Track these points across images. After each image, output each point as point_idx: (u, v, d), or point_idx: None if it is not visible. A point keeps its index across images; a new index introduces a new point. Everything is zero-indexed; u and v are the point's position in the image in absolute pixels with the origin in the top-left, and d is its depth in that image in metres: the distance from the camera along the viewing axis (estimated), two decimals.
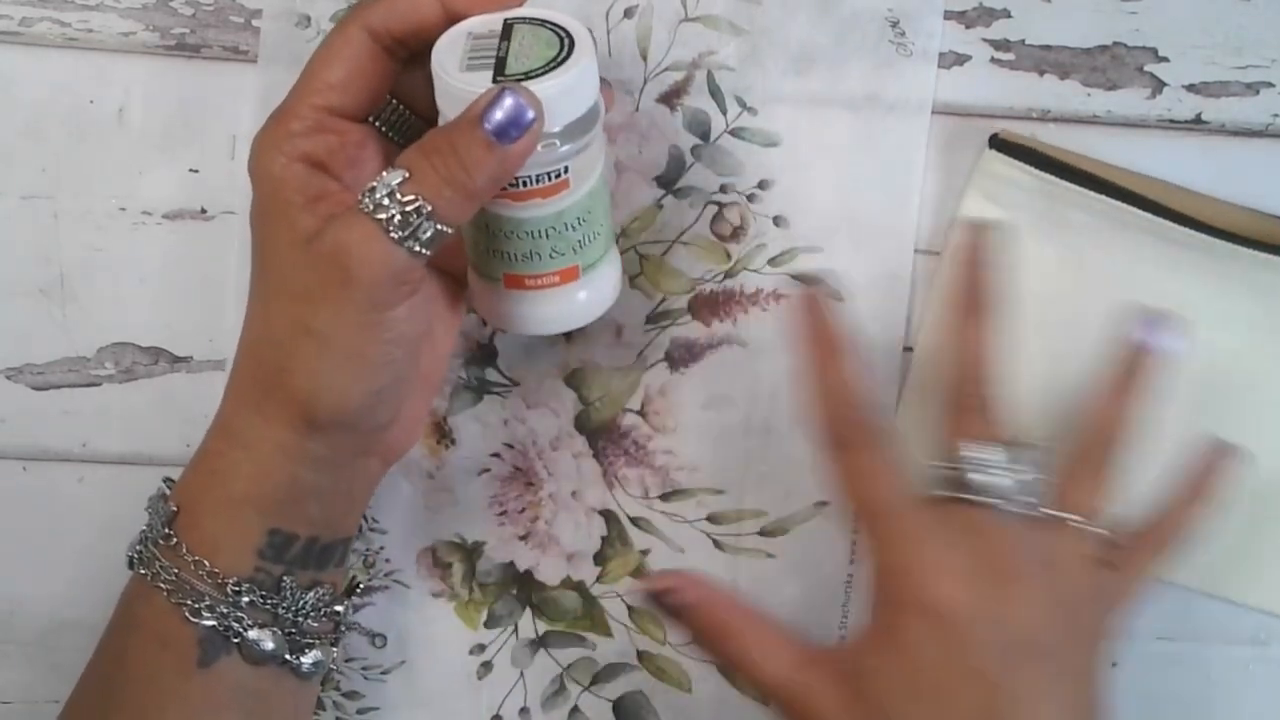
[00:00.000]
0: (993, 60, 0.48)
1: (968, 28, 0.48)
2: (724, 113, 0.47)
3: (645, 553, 0.48)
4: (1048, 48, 0.48)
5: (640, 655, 0.48)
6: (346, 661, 0.47)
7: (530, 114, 0.35)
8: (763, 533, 0.48)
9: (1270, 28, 0.48)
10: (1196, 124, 0.48)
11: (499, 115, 0.35)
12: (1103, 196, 0.46)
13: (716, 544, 0.48)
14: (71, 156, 0.46)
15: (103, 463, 0.47)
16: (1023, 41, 0.48)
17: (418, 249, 0.36)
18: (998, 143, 0.46)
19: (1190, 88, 0.48)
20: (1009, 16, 0.48)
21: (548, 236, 0.39)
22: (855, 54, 0.47)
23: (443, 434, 0.47)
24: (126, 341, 0.47)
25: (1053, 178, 0.46)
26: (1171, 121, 0.48)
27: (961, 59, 0.48)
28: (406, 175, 0.36)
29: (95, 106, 0.46)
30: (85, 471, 0.47)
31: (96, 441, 0.47)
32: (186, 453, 0.46)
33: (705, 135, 0.47)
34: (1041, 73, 0.48)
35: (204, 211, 0.47)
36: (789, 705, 0.39)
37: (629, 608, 0.48)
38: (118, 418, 0.47)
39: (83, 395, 0.47)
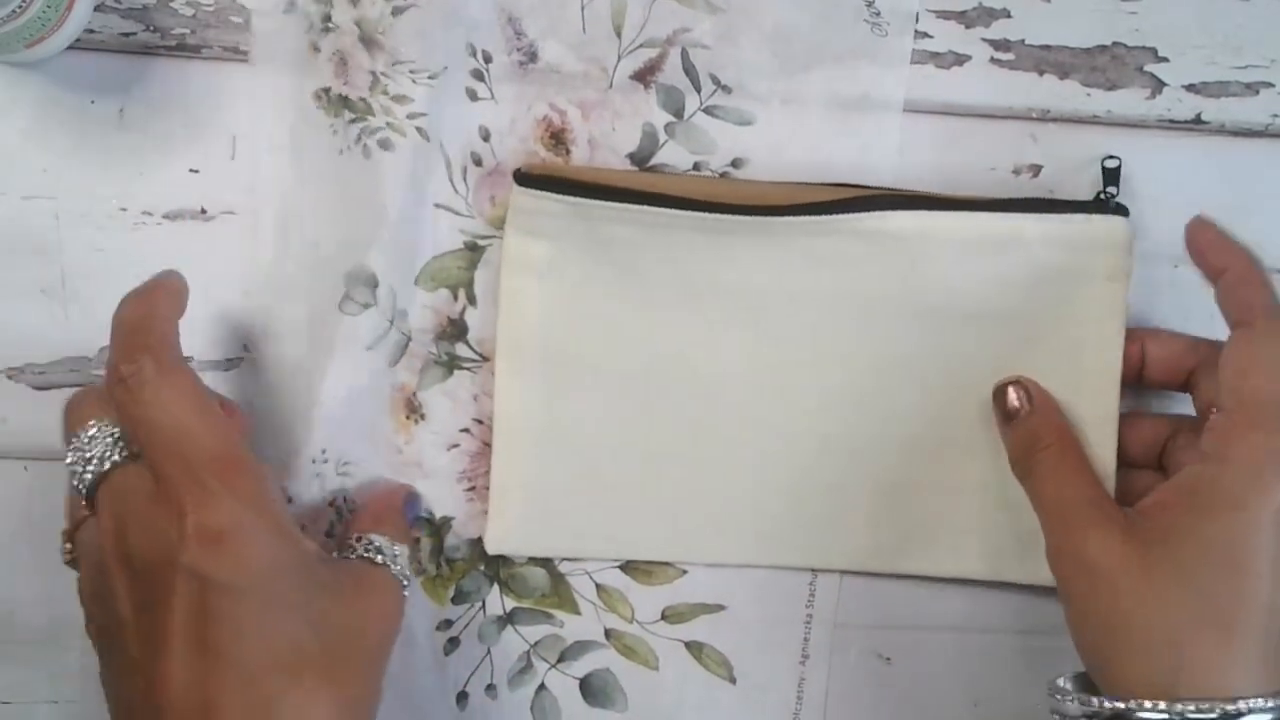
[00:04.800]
0: (992, 60, 0.48)
1: (968, 28, 0.48)
2: (698, 91, 0.47)
3: None
4: (1048, 48, 0.48)
5: (608, 633, 0.48)
6: None
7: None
8: None
9: (1270, 28, 0.48)
10: (1196, 124, 0.48)
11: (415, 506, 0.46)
12: (633, 205, 0.45)
13: None
14: (72, 157, 0.46)
15: None
16: (1022, 41, 0.48)
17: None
18: (521, 177, 0.45)
19: (1190, 88, 0.48)
20: (1009, 16, 0.48)
21: None
22: (831, 34, 0.46)
23: (412, 409, 0.47)
24: None
25: (583, 200, 0.45)
26: (1171, 122, 0.48)
27: (961, 59, 0.48)
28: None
29: (95, 106, 0.46)
30: None
31: None
32: None
33: (679, 113, 0.47)
34: (1041, 73, 0.48)
35: (204, 211, 0.47)
36: (1065, 529, 0.41)
37: (597, 585, 0.48)
38: None
39: None
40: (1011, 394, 0.45)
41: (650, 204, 0.44)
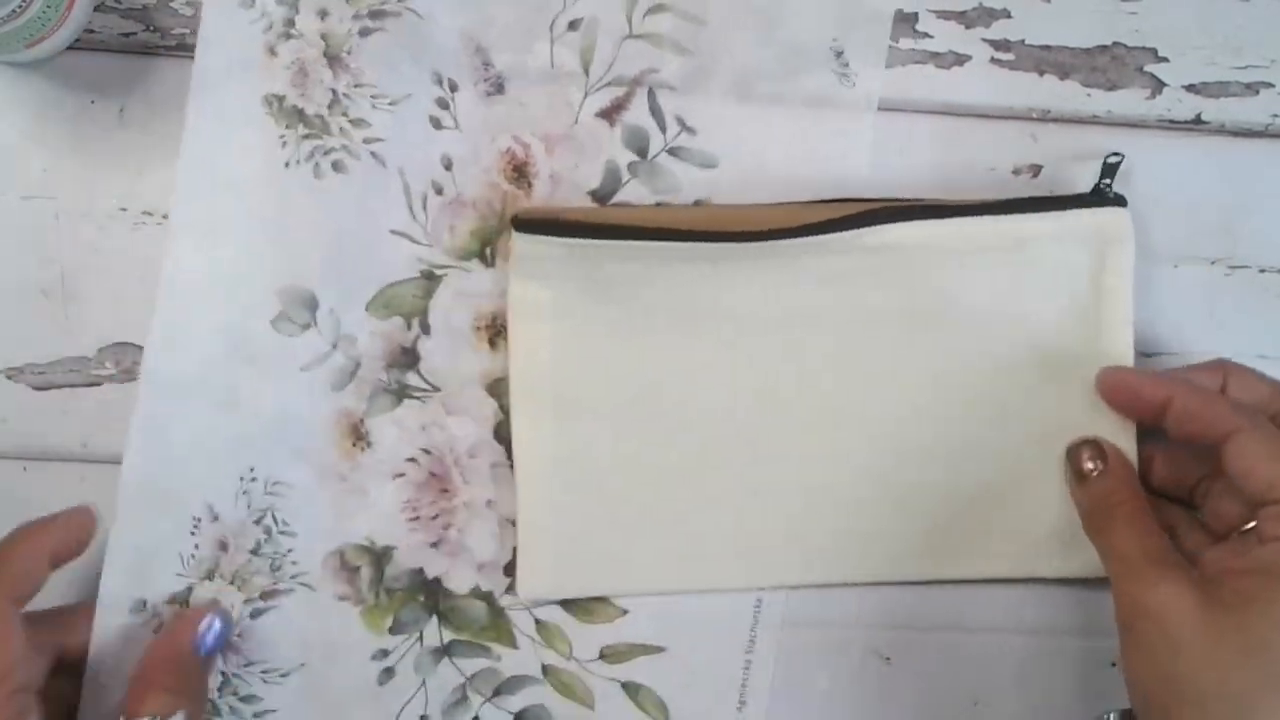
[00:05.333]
0: (993, 60, 0.48)
1: (968, 28, 0.48)
2: (663, 131, 0.46)
3: None
4: (1048, 48, 0.48)
5: (545, 670, 0.47)
6: (245, 666, 0.46)
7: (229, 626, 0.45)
8: None
9: (1270, 28, 0.48)
10: (1196, 124, 0.48)
11: (210, 640, 0.44)
12: (633, 242, 0.45)
13: None
14: (72, 157, 0.46)
15: (103, 463, 0.47)
16: (1023, 41, 0.48)
17: None
18: (520, 223, 0.45)
19: (1190, 88, 0.48)
20: (1009, 16, 0.48)
21: None
22: (797, 81, 0.47)
23: (359, 436, 0.46)
24: (127, 341, 0.47)
25: (579, 240, 0.44)
26: (1171, 122, 0.48)
27: (961, 59, 0.48)
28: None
29: (95, 106, 0.46)
30: (85, 471, 0.47)
31: (96, 441, 0.47)
32: None
33: (643, 152, 0.47)
34: (1041, 73, 0.48)
35: None
36: (1139, 584, 0.41)
37: (536, 620, 0.47)
38: (118, 418, 0.46)
39: (83, 395, 0.47)
40: (1085, 455, 0.45)
41: (650, 239, 0.44)
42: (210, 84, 0.45)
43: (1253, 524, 0.42)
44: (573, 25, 0.46)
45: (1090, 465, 0.45)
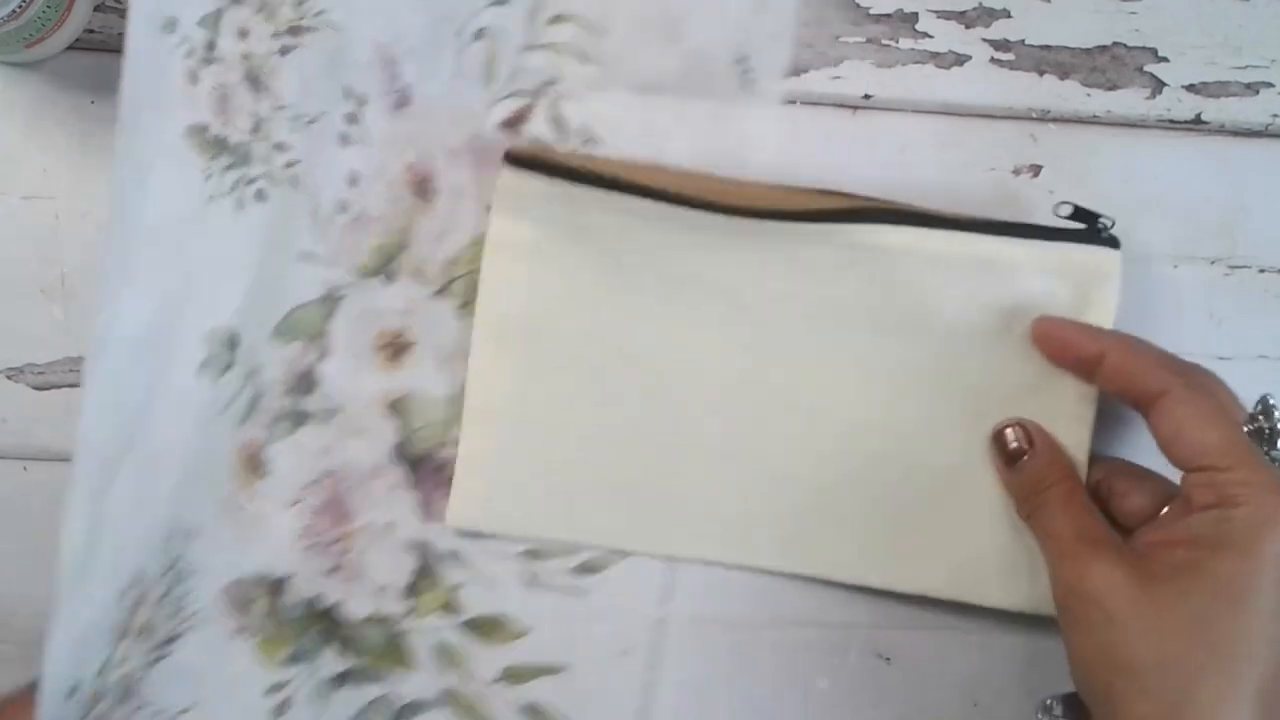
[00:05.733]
0: (992, 60, 0.48)
1: (968, 28, 0.48)
2: (566, 140, 0.46)
3: (457, 587, 0.46)
4: (1048, 48, 0.48)
5: (445, 694, 0.46)
6: (137, 709, 0.45)
7: None
8: (578, 569, 0.46)
9: (1270, 28, 0.48)
10: (1196, 124, 0.48)
11: None
12: (620, 195, 0.44)
13: (530, 579, 0.46)
14: (72, 156, 0.46)
15: None
16: (1023, 41, 0.48)
17: None
18: (511, 158, 0.44)
19: (1190, 88, 0.48)
20: (1009, 16, 0.48)
21: None
22: (701, 88, 0.46)
23: (257, 465, 0.45)
24: None
25: (567, 183, 0.44)
26: (1171, 122, 0.48)
27: (961, 59, 0.48)
28: None
29: (95, 106, 0.46)
30: None
31: None
32: None
33: None
34: (1041, 73, 0.48)
35: None
36: (1073, 567, 0.41)
37: (435, 643, 0.46)
38: None
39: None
40: (1010, 436, 0.45)
41: (637, 195, 0.44)
42: (134, 122, 0.44)
43: (1180, 494, 0.41)
44: (478, 35, 0.46)
45: (1016, 446, 0.45)
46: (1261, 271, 0.49)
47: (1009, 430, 0.45)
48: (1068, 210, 0.45)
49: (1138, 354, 0.43)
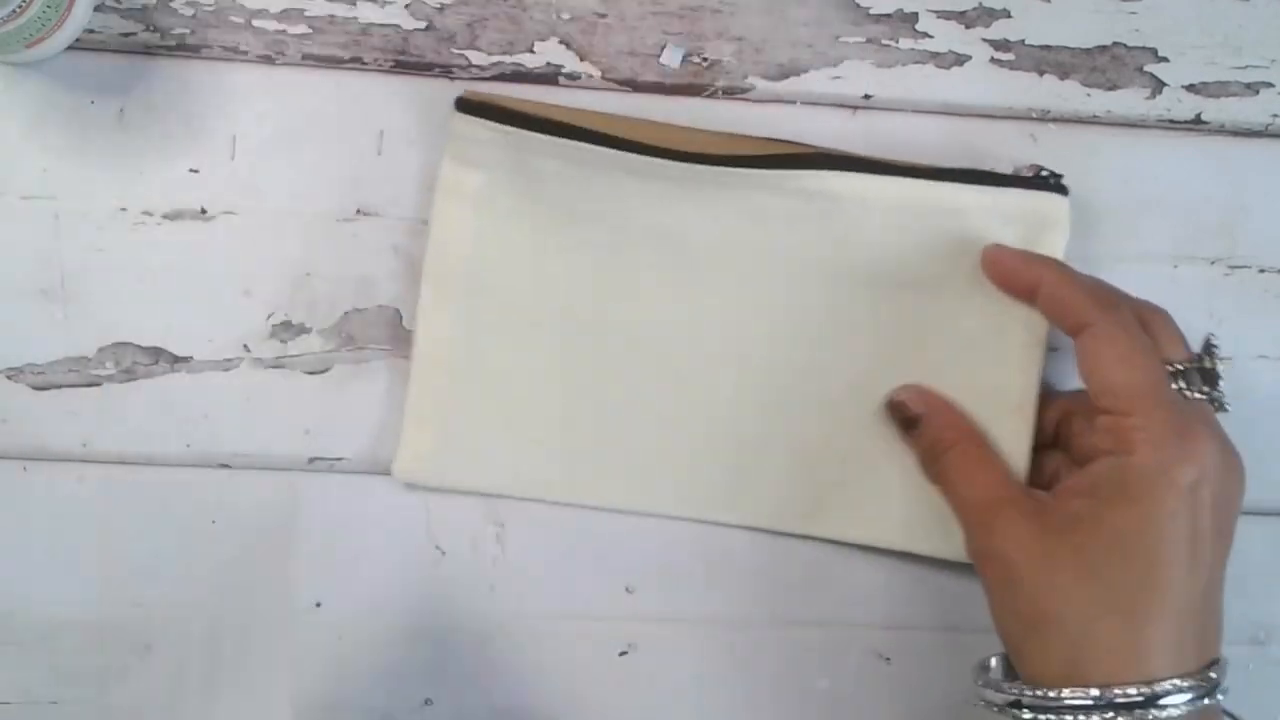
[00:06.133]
0: (992, 60, 0.48)
1: (968, 28, 0.48)
2: None
3: None
4: (1048, 48, 0.48)
5: None
6: None
7: None
8: None
9: (1270, 28, 0.48)
10: (1196, 124, 0.48)
11: None
12: (572, 142, 0.44)
13: None
14: (72, 157, 0.46)
15: (103, 463, 0.47)
16: (1023, 41, 0.48)
17: None
18: (463, 104, 0.44)
19: (1190, 88, 0.48)
20: (1009, 16, 0.48)
21: None
22: None
23: None
24: (126, 341, 0.47)
25: (518, 130, 0.44)
26: (1171, 122, 0.48)
27: (961, 59, 0.48)
28: None
29: (95, 106, 0.46)
30: (85, 471, 0.47)
31: (96, 441, 0.47)
32: (187, 453, 0.47)
33: None
34: (1041, 73, 0.48)
35: (204, 211, 0.47)
36: (978, 529, 0.42)
37: None
38: (118, 418, 0.47)
39: (83, 395, 0.47)
40: (904, 402, 0.45)
41: (588, 142, 0.44)
42: None
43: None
44: None
45: (914, 411, 0.45)
46: (1261, 271, 0.49)
47: (903, 396, 0.45)
48: (1033, 172, 0.45)
49: (1069, 285, 0.43)
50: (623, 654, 0.48)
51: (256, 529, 0.47)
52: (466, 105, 0.44)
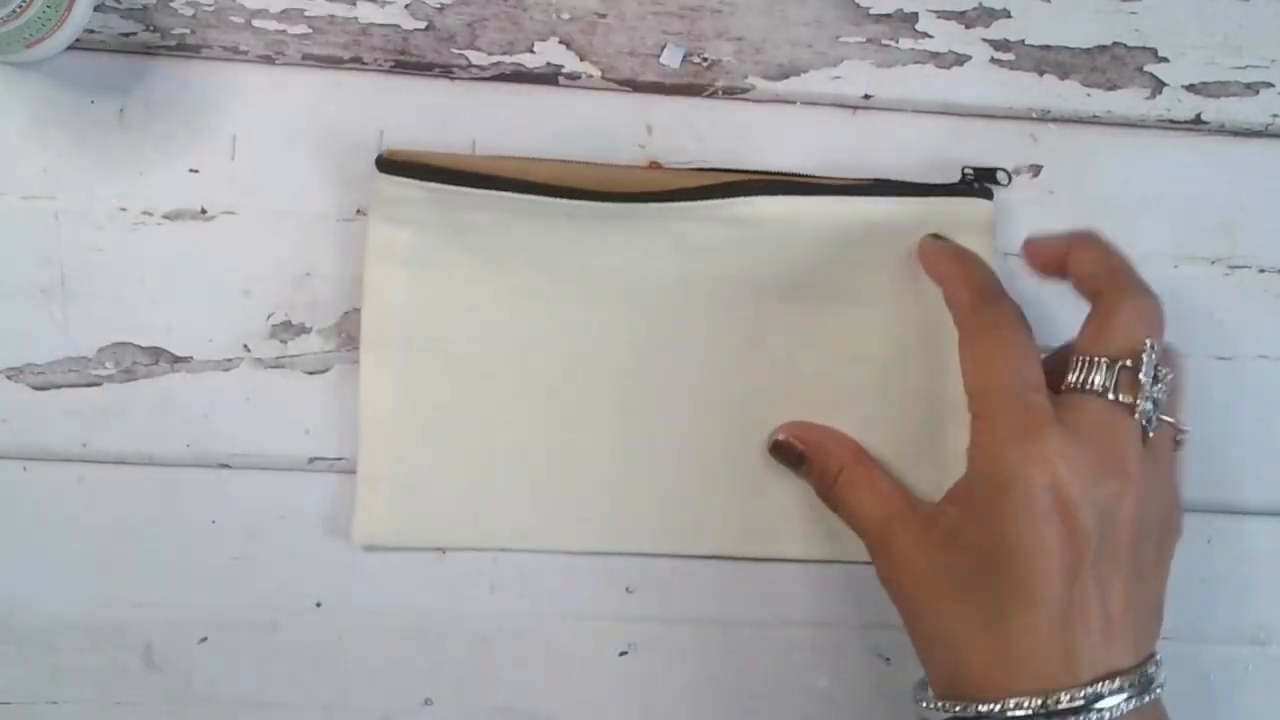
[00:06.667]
0: (992, 60, 0.48)
1: (968, 28, 0.48)
2: None
3: None
4: (1048, 48, 0.48)
5: None
6: None
7: None
8: None
9: (1270, 28, 0.48)
10: (1196, 124, 0.48)
11: None
12: (496, 192, 0.44)
13: None
14: (72, 157, 0.46)
15: (103, 463, 0.47)
16: (1023, 41, 0.48)
17: None
18: (384, 164, 0.44)
19: (1190, 88, 0.48)
20: (1009, 16, 0.48)
21: None
22: None
23: None
24: (126, 341, 0.47)
25: (441, 186, 0.43)
26: (1171, 122, 0.48)
27: (961, 59, 0.48)
28: None
29: (95, 106, 0.46)
30: (85, 471, 0.47)
31: (96, 441, 0.47)
32: (187, 453, 0.47)
33: None
34: (1041, 73, 0.48)
35: (204, 211, 0.47)
36: (876, 551, 0.42)
37: None
38: (118, 418, 0.47)
39: (83, 395, 0.47)
40: (788, 440, 0.46)
41: (514, 191, 0.44)
42: None
43: None
44: None
45: (799, 449, 0.46)
46: (1261, 271, 0.49)
47: (782, 437, 0.46)
48: (969, 175, 0.46)
49: (959, 283, 0.42)
50: (623, 654, 0.48)
51: (256, 529, 0.47)
52: (388, 165, 0.44)
